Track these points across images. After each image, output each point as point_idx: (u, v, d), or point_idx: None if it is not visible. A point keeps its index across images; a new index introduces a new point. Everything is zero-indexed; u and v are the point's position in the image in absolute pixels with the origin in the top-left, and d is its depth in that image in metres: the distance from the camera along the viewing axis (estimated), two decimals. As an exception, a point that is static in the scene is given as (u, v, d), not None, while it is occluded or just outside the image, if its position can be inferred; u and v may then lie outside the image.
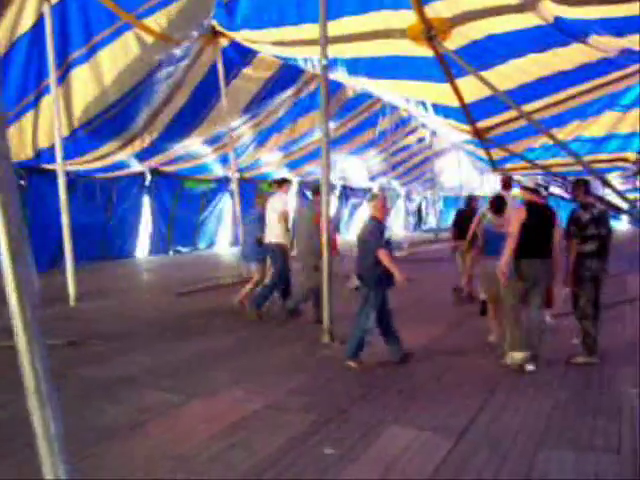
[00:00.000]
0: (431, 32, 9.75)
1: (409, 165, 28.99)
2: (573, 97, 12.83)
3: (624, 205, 12.48)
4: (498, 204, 8.03)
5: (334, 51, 10.83)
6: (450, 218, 14.51)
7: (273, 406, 5.60)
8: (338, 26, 9.82)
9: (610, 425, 4.95)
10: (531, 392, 5.95)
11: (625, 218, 15.02)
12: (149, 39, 12.63)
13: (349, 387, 6.18)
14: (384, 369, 6.83)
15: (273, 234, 9.85)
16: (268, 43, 11.74)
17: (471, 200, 11.70)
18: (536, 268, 6.83)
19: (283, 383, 6.35)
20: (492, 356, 7.28)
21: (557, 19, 9.47)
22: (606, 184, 11.84)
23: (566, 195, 23.14)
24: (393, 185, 31.60)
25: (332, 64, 11.32)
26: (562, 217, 7.68)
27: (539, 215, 6.92)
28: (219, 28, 12.83)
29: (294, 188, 25.76)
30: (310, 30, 9.74)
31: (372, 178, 29.07)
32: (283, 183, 10.59)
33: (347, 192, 30.31)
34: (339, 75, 12.18)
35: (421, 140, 25.59)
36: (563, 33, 10.04)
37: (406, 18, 9.60)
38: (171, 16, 12.13)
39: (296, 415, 5.33)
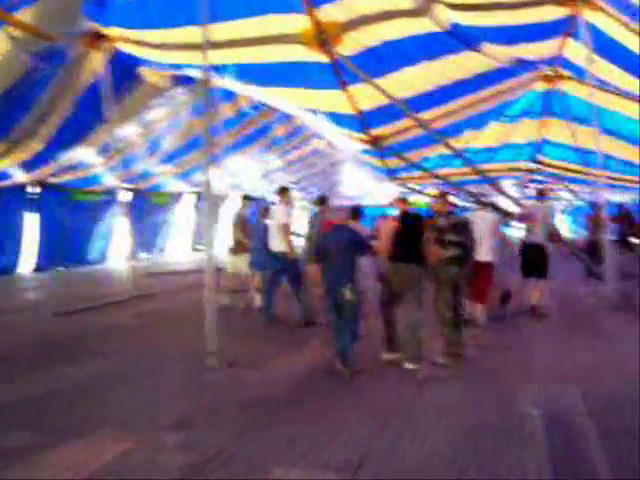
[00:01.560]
0: (324, 37, 9.40)
1: (307, 174, 28.67)
2: (467, 106, 12.87)
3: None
4: (358, 212, 8.27)
5: (222, 57, 10.40)
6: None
7: (147, 446, 5.00)
8: (226, 30, 9.36)
9: (514, 450, 4.72)
10: (430, 414, 5.71)
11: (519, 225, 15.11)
12: (21, 34, 11.69)
13: (234, 419, 5.68)
14: (273, 396, 6.37)
15: (275, 243, 10.18)
16: (150, 46, 11.08)
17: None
18: (404, 272, 7.36)
19: (161, 417, 5.74)
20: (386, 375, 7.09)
21: (453, 25, 9.40)
22: (502, 193, 11.85)
23: (462, 204, 23.51)
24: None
25: (221, 71, 10.86)
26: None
27: (410, 223, 7.58)
28: (105, 31, 12.04)
29: (193, 201, 25.34)
30: (194, 33, 9.24)
31: (269, 187, 28.53)
32: (283, 192, 10.69)
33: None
34: (228, 83, 11.69)
35: (318, 151, 25.29)
36: (458, 40, 10.01)
37: (299, 22, 9.23)
38: (44, 10, 11.25)
39: (172, 455, 4.80)
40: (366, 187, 28.54)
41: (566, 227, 44.44)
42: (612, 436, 4.94)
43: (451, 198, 8.82)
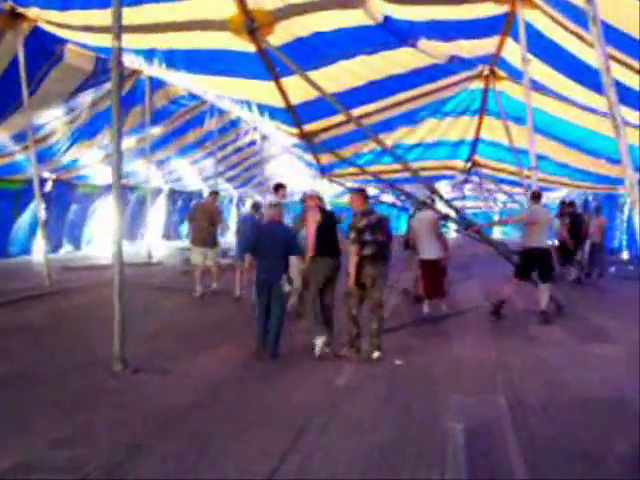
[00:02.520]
0: (253, 25, 9.03)
1: (240, 168, 28.14)
2: (402, 103, 12.70)
3: (452, 213, 12.38)
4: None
5: (147, 41, 9.95)
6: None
7: (27, 464, 4.52)
8: (148, 13, 8.92)
9: (434, 472, 4.42)
10: (347, 428, 5.38)
11: (453, 226, 15.06)
12: None
13: (132, 432, 5.21)
14: (176, 406, 5.92)
15: None
16: (71, 28, 10.50)
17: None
18: (327, 265, 7.93)
19: (49, 429, 5.19)
20: (307, 380, 6.81)
21: (386, 19, 9.16)
22: (433, 192, 11.69)
23: (397, 202, 23.45)
24: (225, 188, 30.70)
25: (148, 56, 10.39)
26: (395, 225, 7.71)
27: (328, 220, 8.17)
28: (20, 10, 11.37)
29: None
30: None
31: (203, 181, 28.01)
32: (278, 189, 10.89)
33: (175, 196, 29.10)
34: (157, 69, 11.17)
35: (252, 143, 24.82)
36: (393, 35, 9.77)
37: (226, 8, 8.84)
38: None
39: (55, 476, 4.33)
40: (300, 182, 28.26)
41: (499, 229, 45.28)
42: (536, 454, 4.72)
43: (369, 194, 8.76)
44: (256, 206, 12.49)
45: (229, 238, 20.91)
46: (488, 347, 8.38)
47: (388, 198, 25.50)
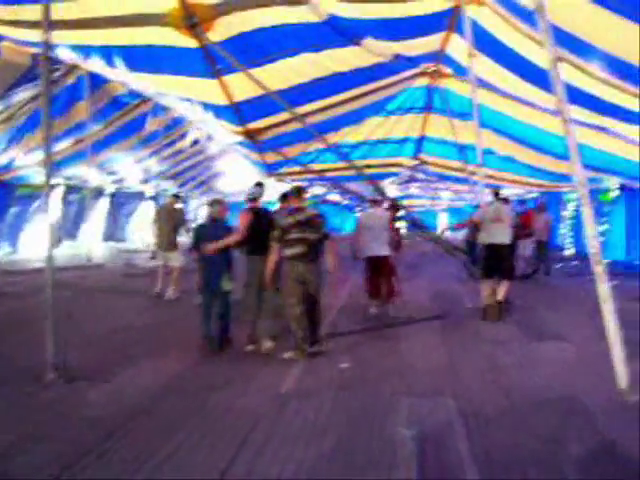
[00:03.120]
0: (193, 20, 8.76)
1: (184, 168, 27.69)
2: (347, 101, 12.55)
3: (400, 211, 12.29)
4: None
5: (85, 37, 9.59)
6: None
7: None
8: (84, 6, 8.57)
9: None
10: (292, 436, 5.23)
11: (402, 224, 15.00)
12: None
13: (57, 453, 4.84)
14: (110, 419, 5.62)
15: None
16: (2, 23, 10.06)
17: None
18: (259, 264, 8.01)
19: None
20: (251, 386, 6.62)
21: (331, 16, 8.96)
22: (377, 190, 11.56)
23: (344, 201, 23.39)
24: (169, 189, 30.21)
25: (85, 52, 10.02)
26: (337, 223, 7.65)
27: (261, 219, 8.30)
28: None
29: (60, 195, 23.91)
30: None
31: (146, 181, 27.45)
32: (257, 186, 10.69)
33: (119, 196, 28.47)
34: (95, 66, 10.79)
35: (196, 142, 24.44)
36: (338, 33, 9.60)
37: (165, 2, 8.55)
38: None
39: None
40: (246, 181, 27.93)
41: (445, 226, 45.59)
42: (489, 460, 4.61)
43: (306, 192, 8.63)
44: (176, 196, 13.08)
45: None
46: (438, 347, 8.35)
47: (335, 197, 25.43)
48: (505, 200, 11.36)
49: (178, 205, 13.67)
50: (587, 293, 13.11)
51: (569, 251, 24.04)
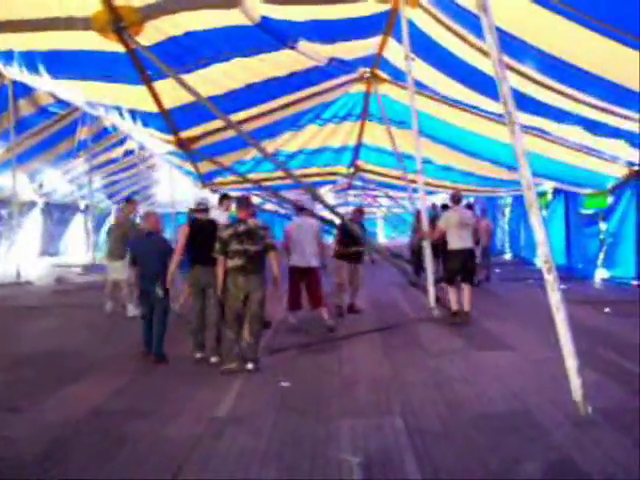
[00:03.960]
0: (120, 24, 8.34)
1: (117, 179, 26.95)
2: (283, 107, 12.25)
3: (336, 220, 12.02)
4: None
5: (5, 41, 9.08)
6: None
7: None
8: (2, 8, 8.07)
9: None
10: (228, 465, 4.78)
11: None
12: None
13: None
14: (24, 456, 5.04)
15: None
16: None
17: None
18: (202, 274, 8.05)
19: None
20: (186, 409, 6.07)
21: (264, 19, 8.69)
22: (316, 198, 11.28)
23: (281, 210, 23.10)
24: (102, 200, 29.40)
25: (6, 58, 9.48)
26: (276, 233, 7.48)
27: (202, 229, 8.18)
28: None
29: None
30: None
31: (80, 192, 26.64)
32: (223, 199, 10.79)
33: (51, 209, 27.58)
34: (17, 73, 10.21)
35: (129, 153, 23.76)
36: (271, 36, 9.31)
37: (89, 4, 8.11)
38: None
39: None
40: (181, 192, 27.36)
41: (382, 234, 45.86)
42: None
43: (253, 202, 8.61)
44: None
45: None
46: (381, 361, 8.03)
47: (273, 206, 25.09)
48: (470, 206, 11.41)
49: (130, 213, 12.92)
50: (530, 298, 13.25)
51: (507, 255, 24.29)
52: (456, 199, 10.93)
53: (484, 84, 9.83)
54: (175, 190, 28.00)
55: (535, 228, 5.48)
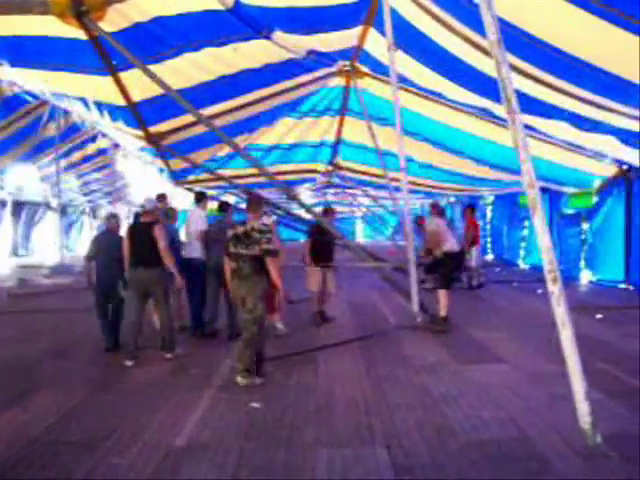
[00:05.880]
0: (80, 8, 7.64)
1: (91, 178, 25.98)
2: (258, 101, 11.58)
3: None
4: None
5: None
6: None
7: None
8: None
9: None
10: None
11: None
12: None
13: None
14: None
15: (193, 250, 10.01)
16: None
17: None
18: (143, 276, 8.26)
19: None
20: (143, 435, 5.34)
21: (237, 4, 8.01)
22: (290, 197, 10.62)
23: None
24: (73, 198, 28.53)
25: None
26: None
27: (140, 231, 8.41)
28: None
29: None
30: None
31: (53, 191, 25.71)
32: (201, 198, 10.68)
33: (21, 207, 26.72)
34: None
35: (103, 151, 22.87)
36: (245, 23, 8.61)
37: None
38: None
39: None
40: (155, 191, 26.55)
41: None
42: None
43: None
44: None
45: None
46: (360, 378, 7.31)
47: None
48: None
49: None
50: (517, 303, 12.70)
51: (488, 257, 23.75)
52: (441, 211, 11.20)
53: (472, 78, 9.28)
54: (150, 189, 27.21)
55: (538, 232, 4.83)
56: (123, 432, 5.53)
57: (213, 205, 13.11)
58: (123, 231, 9.00)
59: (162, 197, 11.14)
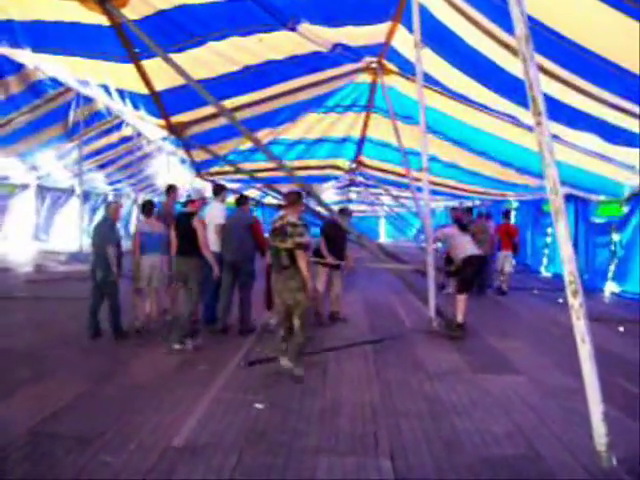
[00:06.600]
0: (104, -7, 7.51)
1: (118, 165, 25.90)
2: (282, 94, 11.38)
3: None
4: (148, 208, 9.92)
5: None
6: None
7: None
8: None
9: None
10: None
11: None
12: None
13: None
14: None
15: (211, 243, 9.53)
16: None
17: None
18: (180, 264, 8.65)
19: None
20: (139, 434, 5.21)
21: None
22: (309, 194, 10.38)
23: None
24: (98, 186, 28.47)
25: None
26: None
27: (183, 221, 8.74)
28: None
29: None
30: None
31: (76, 177, 25.68)
32: (219, 191, 10.47)
33: (44, 192, 26.69)
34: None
35: (127, 139, 22.78)
36: (269, 14, 8.40)
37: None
38: None
39: None
40: (180, 181, 26.44)
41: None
42: None
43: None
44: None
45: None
46: (370, 382, 7.11)
47: (274, 200, 24.26)
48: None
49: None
50: (536, 311, 12.40)
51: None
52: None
53: (500, 80, 9.00)
54: (174, 179, 27.09)
55: (561, 241, 4.58)
56: (119, 429, 5.39)
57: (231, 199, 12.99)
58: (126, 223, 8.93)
59: (172, 189, 11.29)
